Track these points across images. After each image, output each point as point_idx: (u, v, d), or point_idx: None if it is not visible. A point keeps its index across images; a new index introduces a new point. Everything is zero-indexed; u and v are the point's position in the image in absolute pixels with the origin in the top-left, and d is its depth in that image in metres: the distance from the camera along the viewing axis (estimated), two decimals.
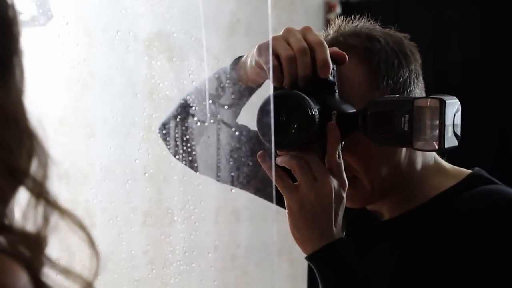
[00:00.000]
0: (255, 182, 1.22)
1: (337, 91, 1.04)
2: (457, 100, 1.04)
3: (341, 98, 1.05)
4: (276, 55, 1.00)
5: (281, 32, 1.02)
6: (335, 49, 1.04)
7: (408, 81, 1.09)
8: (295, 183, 1.01)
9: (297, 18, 3.15)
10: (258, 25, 2.37)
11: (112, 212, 2.21)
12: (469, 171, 1.13)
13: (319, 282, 1.03)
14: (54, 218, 0.55)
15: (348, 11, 1.18)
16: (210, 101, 1.14)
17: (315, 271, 1.03)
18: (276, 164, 1.02)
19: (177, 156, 1.21)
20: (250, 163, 1.17)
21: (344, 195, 1.02)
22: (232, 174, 1.20)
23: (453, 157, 1.14)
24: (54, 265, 0.54)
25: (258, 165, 1.06)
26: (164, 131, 1.21)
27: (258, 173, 1.19)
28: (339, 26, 1.12)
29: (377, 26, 1.12)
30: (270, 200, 1.15)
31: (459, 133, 1.04)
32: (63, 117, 2.31)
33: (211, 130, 1.17)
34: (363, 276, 1.02)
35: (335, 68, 1.03)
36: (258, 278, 3.09)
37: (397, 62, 1.08)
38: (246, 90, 1.12)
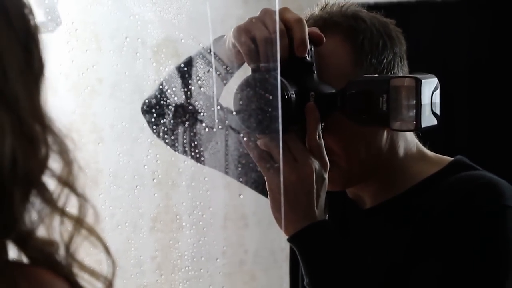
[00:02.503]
0: (234, 164, 1.21)
1: (315, 71, 1.03)
2: (435, 79, 1.03)
3: (321, 78, 1.03)
4: (252, 37, 0.99)
5: (258, 14, 1.01)
6: (314, 29, 1.03)
7: (392, 63, 1.07)
8: (276, 165, 0.99)
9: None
10: None
11: (120, 218, 2.21)
12: (451, 158, 1.12)
13: (301, 263, 1.01)
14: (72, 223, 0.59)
15: None
16: (194, 82, 1.13)
17: (297, 253, 1.01)
18: (258, 147, 1.01)
19: (160, 136, 1.20)
20: (233, 147, 1.16)
21: (326, 176, 1.01)
22: (214, 156, 1.19)
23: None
24: (82, 266, 0.58)
25: (237, 150, 1.06)
26: (146, 109, 1.19)
27: (240, 157, 1.18)
28: (326, 5, 1.11)
29: (364, 10, 1.11)
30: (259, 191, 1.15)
31: (438, 111, 1.02)
32: (71, 123, 2.31)
33: (196, 115, 1.16)
34: (345, 257, 1.00)
35: (312, 49, 1.02)
36: (266, 284, 3.08)
37: (382, 43, 1.07)
38: (226, 70, 1.10)
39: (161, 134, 1.19)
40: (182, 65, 1.15)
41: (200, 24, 1.12)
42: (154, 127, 1.18)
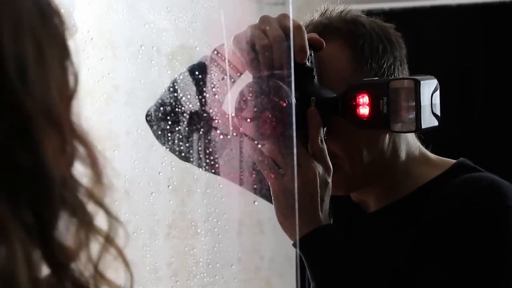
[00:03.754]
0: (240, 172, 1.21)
1: (316, 77, 1.03)
2: (435, 80, 1.04)
3: (321, 83, 1.04)
4: (252, 45, 1.00)
5: (257, 21, 1.02)
6: (313, 35, 1.03)
7: (392, 67, 1.08)
8: (280, 170, 1.00)
9: None
10: None
11: (136, 225, 2.22)
12: (454, 160, 1.12)
13: (307, 268, 1.02)
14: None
15: None
16: (194, 90, 1.13)
17: (303, 257, 1.02)
18: (261, 153, 1.01)
19: (166, 146, 1.21)
20: (244, 156, 1.17)
21: (329, 180, 1.01)
22: (221, 163, 1.19)
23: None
24: (102, 279, 0.58)
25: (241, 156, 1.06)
26: (150, 118, 1.20)
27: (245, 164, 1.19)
28: (325, 11, 1.11)
29: (363, 15, 1.12)
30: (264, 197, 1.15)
31: (438, 112, 1.03)
32: (87, 130, 2.32)
33: (198, 120, 1.16)
34: (351, 261, 1.01)
35: (312, 54, 1.02)
36: None
37: (381, 47, 1.07)
38: (227, 78, 1.11)
39: (162, 141, 1.20)
40: (183, 74, 1.16)
41: (215, 32, 1.13)
42: (158, 136, 1.19)
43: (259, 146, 1.01)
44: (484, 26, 3.07)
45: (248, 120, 0.99)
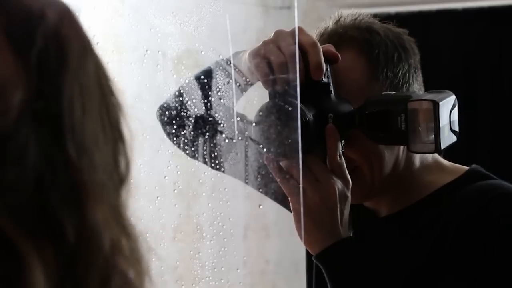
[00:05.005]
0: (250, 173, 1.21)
1: (332, 91, 1.03)
2: (453, 96, 1.04)
3: (338, 94, 1.04)
4: (267, 61, 1.00)
5: (271, 36, 1.01)
6: (329, 47, 1.03)
7: (407, 75, 1.08)
8: (299, 186, 1.00)
9: None
10: None
11: (141, 229, 2.22)
12: (467, 167, 1.12)
13: (328, 281, 1.02)
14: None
15: None
16: (206, 93, 1.13)
17: (323, 271, 1.02)
18: (281, 169, 1.02)
19: (175, 142, 1.21)
20: (252, 158, 1.17)
21: (349, 194, 1.02)
22: (232, 164, 1.19)
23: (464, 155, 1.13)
24: None
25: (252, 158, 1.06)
26: (162, 115, 1.21)
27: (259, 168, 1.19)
28: (339, 18, 1.11)
29: (377, 21, 1.12)
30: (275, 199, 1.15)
31: (456, 128, 1.03)
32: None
33: (210, 121, 1.17)
34: (371, 274, 1.01)
35: (328, 68, 1.02)
36: None
37: (397, 55, 1.07)
38: (244, 82, 1.11)
39: (172, 137, 1.20)
40: (199, 75, 1.17)
41: (221, 36, 1.13)
42: (168, 131, 1.20)
43: (278, 162, 1.02)
44: (490, 29, 3.07)
45: (266, 138, 0.99)
